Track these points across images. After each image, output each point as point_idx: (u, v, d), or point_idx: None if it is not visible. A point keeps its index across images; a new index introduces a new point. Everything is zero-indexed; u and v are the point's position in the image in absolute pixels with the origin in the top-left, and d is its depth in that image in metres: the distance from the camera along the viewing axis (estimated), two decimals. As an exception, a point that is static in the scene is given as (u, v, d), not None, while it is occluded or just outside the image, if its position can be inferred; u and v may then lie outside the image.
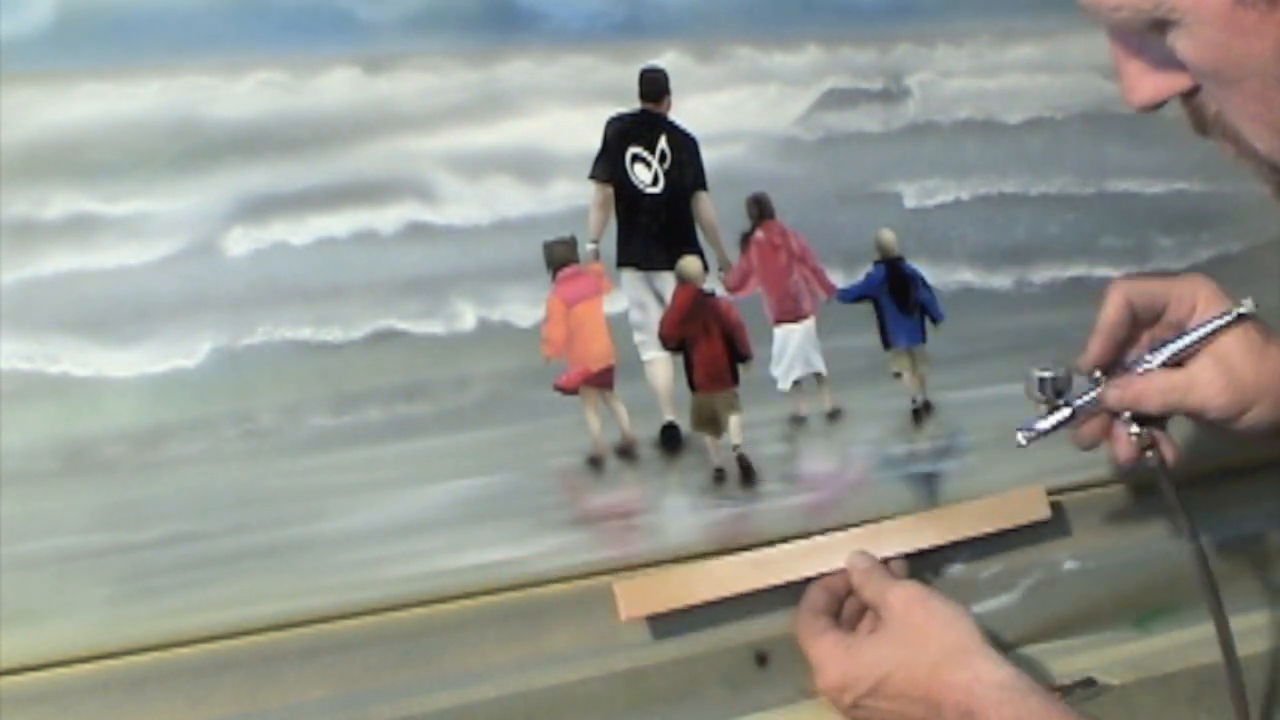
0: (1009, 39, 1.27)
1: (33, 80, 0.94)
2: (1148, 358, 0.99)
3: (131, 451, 0.96)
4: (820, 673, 0.99)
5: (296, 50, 1.01)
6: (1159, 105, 0.77)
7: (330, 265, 1.02)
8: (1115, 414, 1.00)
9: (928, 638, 0.95)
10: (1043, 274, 1.27)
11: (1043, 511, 1.13)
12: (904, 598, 0.98)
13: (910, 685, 0.94)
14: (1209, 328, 0.97)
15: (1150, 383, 0.98)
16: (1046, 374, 0.99)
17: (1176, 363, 0.98)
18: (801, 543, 1.08)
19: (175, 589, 0.96)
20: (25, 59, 0.93)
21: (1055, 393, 1.00)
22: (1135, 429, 0.99)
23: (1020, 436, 1.01)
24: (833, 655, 0.98)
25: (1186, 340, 0.98)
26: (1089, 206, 1.29)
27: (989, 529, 1.12)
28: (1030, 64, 1.28)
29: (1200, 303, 0.99)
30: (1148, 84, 0.76)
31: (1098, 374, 1.01)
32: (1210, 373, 0.96)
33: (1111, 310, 1.00)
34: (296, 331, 1.01)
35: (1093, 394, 1.00)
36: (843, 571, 1.05)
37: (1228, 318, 0.96)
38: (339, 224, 1.02)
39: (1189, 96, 0.75)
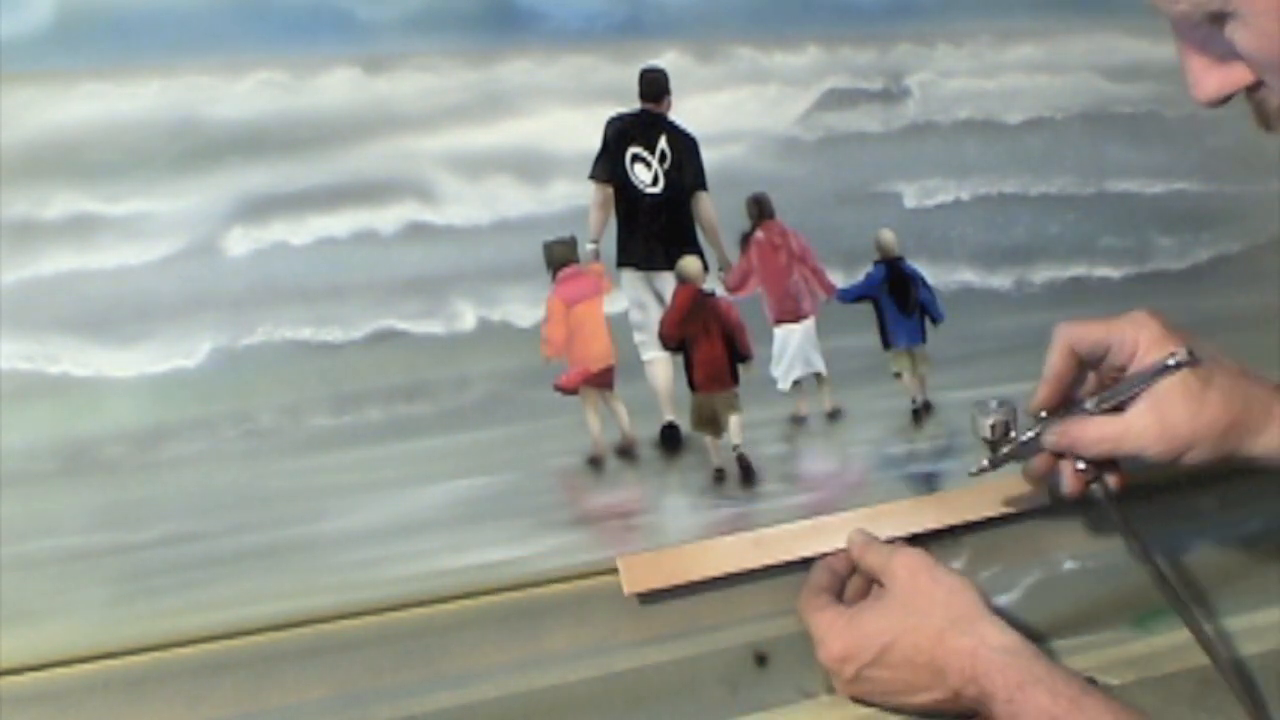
0: (1009, 39, 1.27)
1: (33, 80, 0.94)
2: (1086, 405, 1.02)
3: (131, 451, 0.96)
4: (822, 645, 0.99)
5: (296, 50, 1.02)
6: (1223, 100, 0.78)
7: (330, 265, 1.02)
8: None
9: (932, 604, 0.95)
10: (1043, 274, 1.27)
11: (1043, 498, 1.14)
12: (908, 564, 0.99)
13: (915, 652, 0.94)
14: (1144, 378, 0.98)
15: (1085, 430, 1.00)
16: (992, 420, 1.04)
17: (1116, 407, 0.99)
18: (803, 522, 1.08)
19: (175, 589, 0.96)
20: (25, 59, 0.93)
21: (1003, 432, 1.05)
22: (1080, 464, 1.02)
23: (971, 471, 1.06)
24: (834, 626, 0.98)
25: (1122, 389, 1.00)
26: (1089, 206, 1.29)
27: (988, 514, 1.12)
28: (1030, 64, 1.28)
29: (1142, 346, 1.00)
30: (1212, 79, 0.76)
31: (1043, 414, 1.04)
32: (1145, 419, 0.97)
33: (1056, 358, 1.03)
34: (296, 331, 1.01)
35: (1033, 436, 1.04)
36: (844, 551, 1.06)
37: (1162, 367, 0.97)
38: (339, 224, 1.02)
39: (1252, 91, 0.76)
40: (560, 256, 1.09)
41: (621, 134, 1.12)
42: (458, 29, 1.07)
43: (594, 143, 1.11)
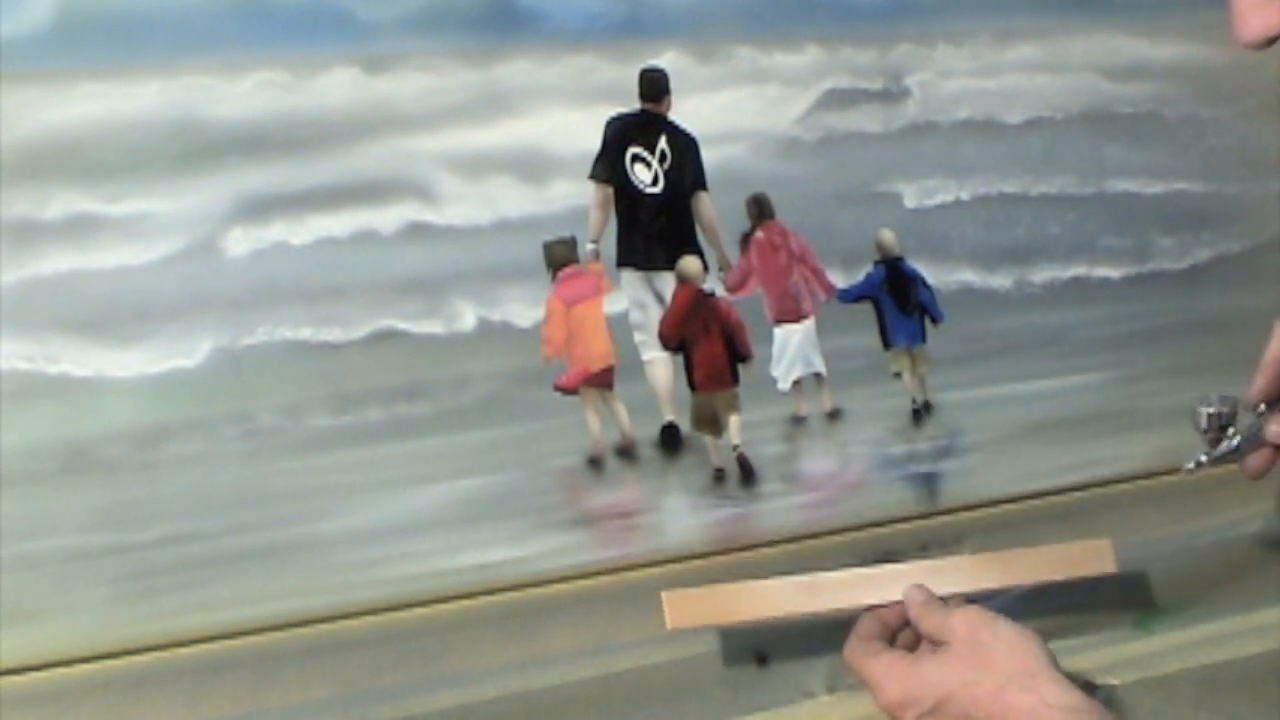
0: (1009, 39, 1.27)
1: (33, 80, 0.94)
2: None
3: (131, 451, 0.96)
4: (880, 690, 0.95)
5: (296, 50, 1.02)
6: (1269, 42, 0.76)
7: (330, 265, 1.02)
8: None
9: (993, 659, 0.92)
10: (1043, 274, 1.27)
11: (1109, 566, 1.11)
12: (969, 620, 0.95)
13: (973, 706, 0.91)
14: None
15: None
16: (1211, 409, 1.00)
17: None
18: (857, 570, 1.06)
19: (175, 589, 0.96)
20: (25, 59, 0.93)
21: (1220, 426, 1.01)
22: None
23: (1188, 465, 1.02)
24: (892, 672, 0.95)
25: None
26: (1089, 206, 1.29)
27: (1054, 577, 1.10)
28: (1030, 64, 1.28)
29: None
30: (1257, 19, 0.75)
31: (1262, 407, 1.01)
32: None
33: (1276, 345, 1.01)
34: (296, 331, 1.01)
35: (1257, 428, 1.01)
36: (897, 604, 1.04)
37: None
38: (339, 224, 1.02)
39: None
40: (560, 256, 1.09)
41: (621, 134, 1.12)
42: (458, 29, 1.07)
43: (594, 143, 1.11)
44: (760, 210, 1.17)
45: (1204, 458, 1.01)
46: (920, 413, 1.21)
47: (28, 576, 0.92)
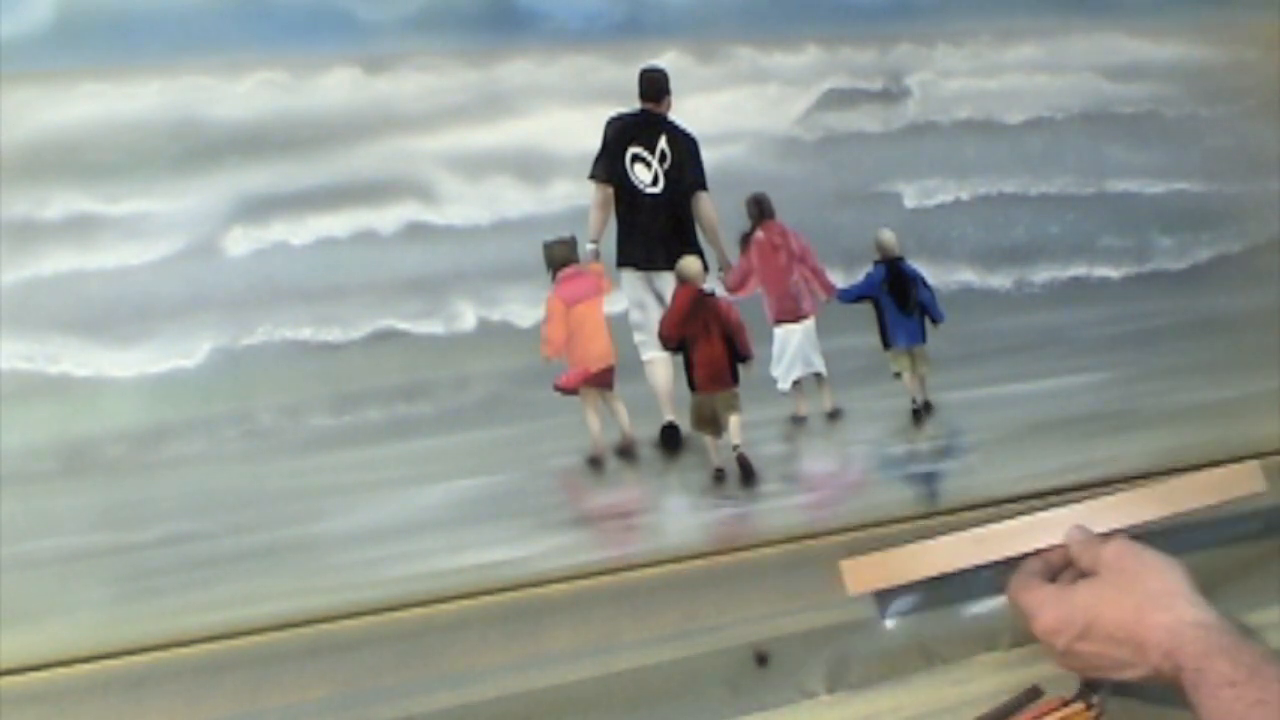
0: (1009, 39, 1.27)
1: (33, 80, 0.94)
2: None
3: (131, 451, 0.96)
4: (1034, 619, 1.01)
5: (296, 50, 1.02)
6: None
7: (330, 265, 1.02)
8: None
9: (1137, 582, 0.98)
10: (1043, 274, 1.27)
11: (1258, 485, 1.13)
12: (1117, 550, 1.01)
13: (1116, 627, 0.97)
14: None
15: None
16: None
17: None
18: (1022, 518, 1.08)
19: (175, 589, 0.96)
20: (25, 59, 0.93)
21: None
22: None
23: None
24: (1045, 601, 1.01)
25: None
26: (1089, 206, 1.29)
27: (1209, 501, 1.11)
28: (1030, 64, 1.28)
29: None
30: None
31: None
32: None
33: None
34: (296, 331, 1.01)
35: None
36: (1060, 547, 1.06)
37: None
38: (339, 224, 1.02)
39: None
40: (560, 256, 1.09)
41: (621, 134, 1.12)
42: (458, 29, 1.07)
43: (594, 143, 1.11)
44: (760, 210, 1.17)
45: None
46: (920, 413, 1.21)
47: (28, 576, 0.92)
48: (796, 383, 1.17)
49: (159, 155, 0.98)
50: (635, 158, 1.13)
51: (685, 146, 1.15)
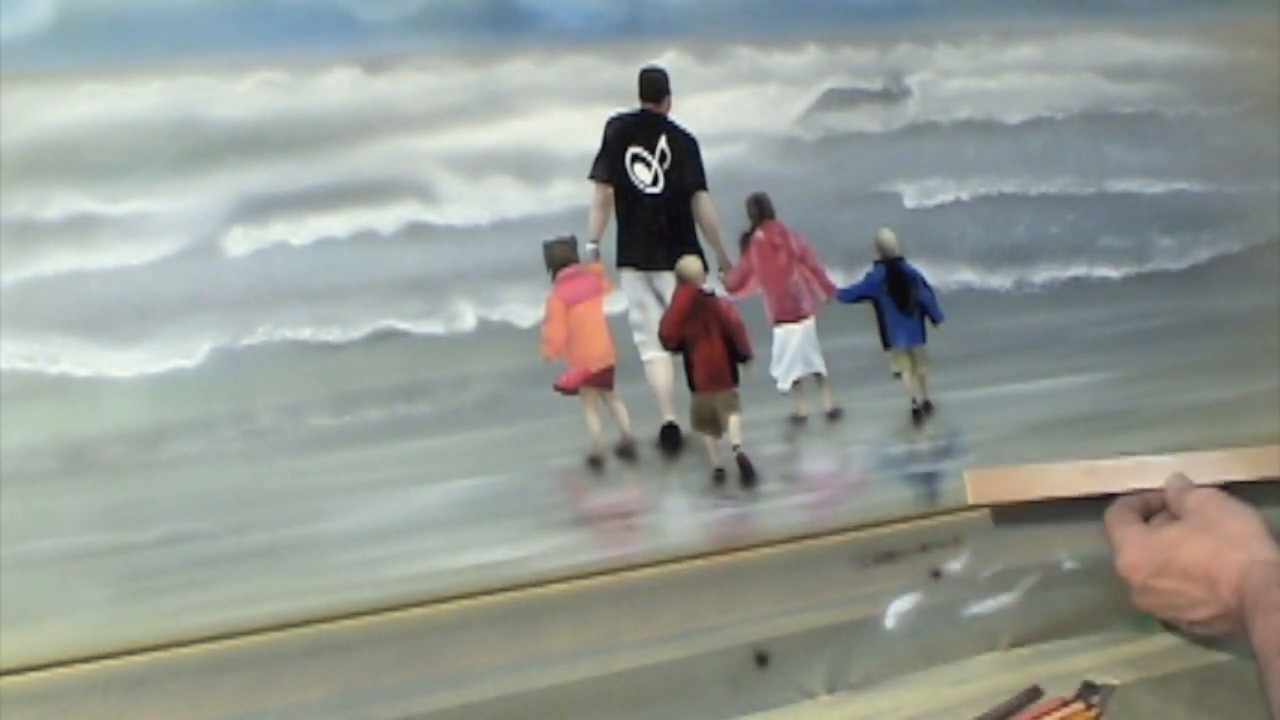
0: (1009, 39, 1.27)
1: (33, 80, 0.94)
2: None
3: (131, 451, 0.96)
4: (1120, 552, 1.06)
5: (296, 50, 1.02)
6: None
7: (330, 265, 1.02)
8: None
9: (1216, 525, 1.02)
10: (1043, 274, 1.27)
11: None
12: (1200, 496, 1.06)
13: (1193, 565, 1.01)
14: None
15: None
16: None
17: None
18: (1134, 459, 1.13)
19: (175, 589, 0.96)
20: (25, 59, 0.93)
21: None
22: None
23: None
24: (1131, 537, 1.06)
25: None
26: (1089, 206, 1.29)
27: None
28: (1030, 64, 1.28)
29: None
30: None
31: None
32: None
33: None
34: (296, 331, 1.01)
35: None
36: (1159, 491, 1.10)
37: None
38: (339, 224, 1.02)
39: None
40: (560, 256, 1.09)
41: (621, 134, 1.12)
42: (458, 29, 1.07)
43: (594, 143, 1.11)
44: (760, 210, 1.17)
45: None
46: (920, 413, 1.21)
47: (28, 576, 0.92)
48: (796, 383, 1.17)
49: (159, 155, 0.98)
50: (635, 158, 1.13)
51: (685, 146, 1.15)
